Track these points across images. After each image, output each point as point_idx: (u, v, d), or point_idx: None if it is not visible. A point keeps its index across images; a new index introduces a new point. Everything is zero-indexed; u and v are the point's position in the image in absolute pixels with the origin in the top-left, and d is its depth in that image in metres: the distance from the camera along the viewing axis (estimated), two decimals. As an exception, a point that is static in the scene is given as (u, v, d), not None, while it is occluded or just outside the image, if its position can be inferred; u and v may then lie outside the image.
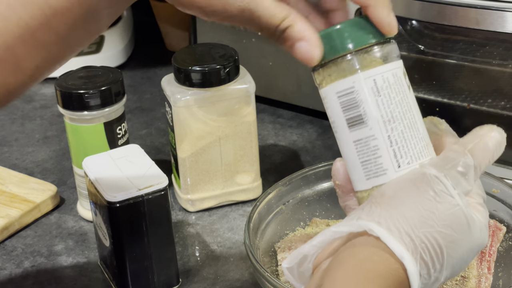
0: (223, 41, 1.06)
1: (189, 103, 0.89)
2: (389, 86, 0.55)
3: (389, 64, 0.56)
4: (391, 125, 0.54)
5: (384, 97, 0.55)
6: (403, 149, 0.55)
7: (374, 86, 0.54)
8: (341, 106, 0.55)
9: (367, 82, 0.54)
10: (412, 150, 0.55)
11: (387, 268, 0.52)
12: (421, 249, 0.53)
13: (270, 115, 1.15)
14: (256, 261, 0.71)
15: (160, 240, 0.78)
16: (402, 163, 0.55)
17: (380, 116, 0.54)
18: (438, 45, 0.93)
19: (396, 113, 0.55)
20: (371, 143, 0.55)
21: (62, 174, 1.03)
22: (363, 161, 0.55)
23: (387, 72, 0.55)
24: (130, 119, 1.15)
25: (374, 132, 0.54)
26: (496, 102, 0.91)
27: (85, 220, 0.93)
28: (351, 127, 0.55)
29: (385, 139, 0.54)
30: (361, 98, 0.54)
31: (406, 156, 0.55)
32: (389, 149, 0.54)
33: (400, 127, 0.55)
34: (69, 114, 0.88)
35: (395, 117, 0.55)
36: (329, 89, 0.56)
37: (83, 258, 0.87)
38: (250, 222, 0.77)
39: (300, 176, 0.83)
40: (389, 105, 0.55)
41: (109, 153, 0.82)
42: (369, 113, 0.54)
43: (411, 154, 0.55)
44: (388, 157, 0.54)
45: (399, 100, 0.55)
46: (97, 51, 1.30)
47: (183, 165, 0.91)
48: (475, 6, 0.80)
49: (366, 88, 0.54)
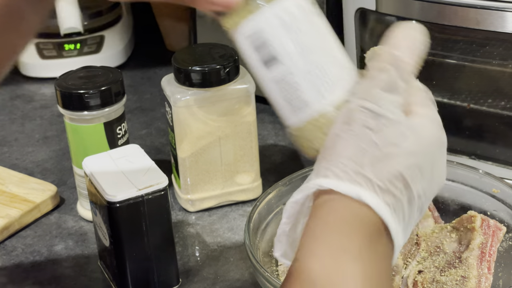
0: (223, 41, 1.06)
1: (189, 103, 0.89)
2: (296, 18, 0.53)
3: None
4: (306, 58, 0.53)
5: (293, 31, 0.53)
6: (324, 78, 0.53)
7: (281, 21, 0.52)
8: (252, 48, 0.54)
9: (273, 19, 0.52)
10: (332, 79, 0.53)
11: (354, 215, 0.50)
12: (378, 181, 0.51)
13: (270, 115, 1.15)
14: (256, 261, 0.71)
15: (160, 240, 0.78)
16: (324, 93, 0.53)
17: (293, 51, 0.53)
18: (438, 45, 0.93)
19: (309, 45, 0.53)
20: (290, 80, 0.53)
21: (62, 174, 1.03)
22: (286, 98, 0.54)
23: (293, 5, 0.53)
24: (130, 119, 1.15)
25: (291, 68, 0.53)
26: (496, 102, 0.91)
27: (85, 220, 0.93)
28: (268, 67, 0.54)
29: (303, 73, 0.53)
30: (269, 37, 0.53)
31: (328, 85, 0.53)
32: (309, 83, 0.53)
33: (315, 57, 0.53)
34: (69, 114, 0.88)
35: (309, 49, 0.53)
36: (238, 31, 0.54)
37: (83, 258, 0.87)
38: (250, 222, 0.77)
39: (300, 176, 0.83)
40: (300, 38, 0.53)
41: (109, 153, 0.82)
42: (281, 51, 0.53)
43: (332, 82, 0.53)
44: (310, 90, 0.53)
45: (310, 31, 0.53)
46: (97, 51, 1.30)
47: (183, 165, 0.91)
48: (475, 6, 0.80)
49: (273, 25, 0.52)
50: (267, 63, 0.54)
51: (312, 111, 0.54)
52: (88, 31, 1.31)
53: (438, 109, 0.95)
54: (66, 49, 1.30)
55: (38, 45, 1.31)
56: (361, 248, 0.50)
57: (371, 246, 0.50)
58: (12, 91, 1.26)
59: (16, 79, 1.30)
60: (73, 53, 1.29)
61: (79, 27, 1.25)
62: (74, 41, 1.30)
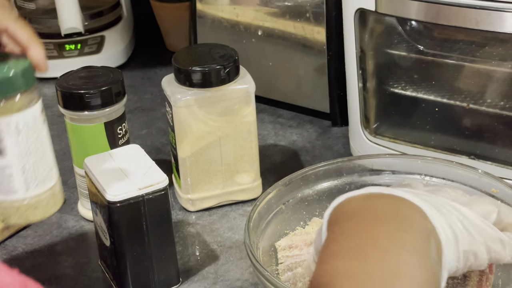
0: (223, 41, 1.06)
1: (189, 103, 0.89)
2: (28, 127, 0.66)
3: (30, 108, 0.66)
4: (25, 158, 0.67)
5: (23, 137, 0.66)
6: (33, 176, 0.68)
7: (15, 127, 0.65)
8: None
9: (9, 124, 0.65)
10: (39, 176, 0.68)
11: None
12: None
13: (270, 115, 1.15)
14: (256, 261, 0.71)
15: (160, 240, 0.79)
16: (31, 186, 0.68)
17: (18, 151, 0.66)
18: (437, 45, 0.93)
19: (31, 148, 0.67)
20: (7, 171, 0.66)
21: (62, 174, 1.02)
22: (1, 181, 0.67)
23: (28, 115, 0.66)
24: (130, 119, 1.15)
25: (10, 162, 0.66)
26: (496, 102, 0.91)
27: (86, 219, 0.93)
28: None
29: (19, 169, 0.67)
30: (3, 136, 0.65)
31: (35, 181, 0.68)
32: (21, 177, 0.67)
33: (33, 159, 0.67)
34: (69, 114, 0.88)
35: (30, 152, 0.67)
36: None
37: (83, 257, 0.87)
38: (250, 222, 0.77)
39: (300, 176, 0.83)
40: (26, 143, 0.67)
41: (110, 153, 0.82)
42: (8, 149, 0.66)
43: (39, 179, 0.68)
44: (19, 182, 0.67)
45: (35, 138, 0.67)
46: (97, 51, 1.30)
47: (183, 165, 0.92)
48: (474, 6, 0.80)
49: (8, 129, 0.65)
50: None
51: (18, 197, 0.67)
52: (88, 31, 1.31)
53: (437, 109, 0.96)
54: (67, 49, 1.30)
55: (39, 45, 1.31)
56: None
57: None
58: (13, 91, 1.27)
59: (16, 79, 1.30)
60: (74, 53, 1.30)
61: (79, 28, 1.25)
62: (75, 41, 1.31)
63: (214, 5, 1.16)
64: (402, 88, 0.97)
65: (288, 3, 1.09)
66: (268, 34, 1.12)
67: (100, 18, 1.33)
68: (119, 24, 1.36)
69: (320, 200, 0.84)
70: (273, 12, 1.11)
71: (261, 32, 1.13)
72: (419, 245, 0.52)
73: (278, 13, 1.10)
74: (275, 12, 1.11)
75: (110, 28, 1.34)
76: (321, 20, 1.07)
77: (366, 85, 0.96)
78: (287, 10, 1.09)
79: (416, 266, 0.51)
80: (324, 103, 1.11)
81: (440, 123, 0.95)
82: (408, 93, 0.96)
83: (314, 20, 1.07)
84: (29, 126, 0.67)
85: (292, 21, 1.09)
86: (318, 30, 1.08)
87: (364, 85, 0.95)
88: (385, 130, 0.98)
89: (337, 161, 0.84)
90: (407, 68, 0.97)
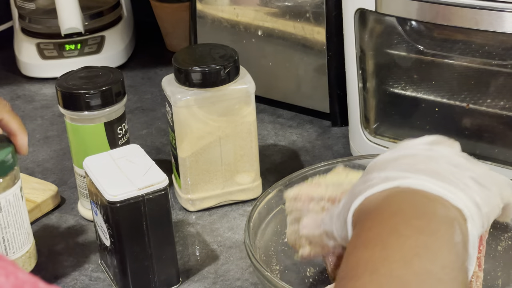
0: (223, 41, 1.06)
1: (190, 103, 0.89)
2: (9, 204, 0.78)
3: (12, 187, 0.77)
4: (6, 230, 0.78)
5: (4, 212, 0.78)
6: (11, 244, 0.79)
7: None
8: None
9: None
10: (17, 244, 0.80)
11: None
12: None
13: (270, 115, 1.15)
14: (256, 261, 0.71)
15: (160, 240, 0.79)
16: (9, 253, 0.79)
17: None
18: (437, 45, 0.94)
19: (11, 221, 0.78)
20: None
21: (62, 174, 1.03)
22: None
23: (10, 194, 0.77)
24: (130, 119, 1.15)
25: None
26: (495, 102, 0.91)
27: (86, 219, 0.93)
28: None
29: (0, 239, 0.78)
30: None
31: (13, 248, 0.79)
32: (2, 245, 0.78)
33: (12, 230, 0.79)
34: (69, 114, 0.88)
35: (9, 224, 0.78)
36: None
37: (83, 257, 0.87)
38: (250, 222, 0.77)
39: (300, 176, 0.83)
40: (6, 217, 0.78)
41: (110, 153, 0.82)
42: None
43: (16, 246, 0.80)
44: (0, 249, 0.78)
45: (14, 212, 0.79)
46: (97, 51, 1.30)
47: (183, 165, 0.92)
48: (474, 6, 0.80)
49: None
50: None
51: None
52: (88, 31, 1.31)
53: (437, 109, 0.96)
54: (67, 49, 1.30)
55: (39, 46, 1.31)
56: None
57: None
58: (13, 91, 1.27)
59: (17, 79, 1.31)
60: (74, 53, 1.30)
61: (79, 28, 1.25)
62: (75, 42, 1.31)
63: (214, 5, 1.16)
64: (402, 88, 0.97)
65: (288, 3, 1.09)
66: (268, 34, 1.12)
67: (100, 18, 1.33)
68: (119, 24, 1.36)
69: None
70: (273, 12, 1.11)
71: (261, 32, 1.13)
72: (442, 231, 0.54)
73: (278, 13, 1.10)
74: (275, 12, 1.11)
75: (110, 28, 1.34)
76: (321, 20, 1.07)
77: (366, 85, 0.96)
78: (287, 10, 1.09)
79: (437, 248, 0.52)
80: (324, 103, 1.11)
81: (440, 123, 0.95)
82: (408, 93, 0.96)
83: (314, 20, 1.07)
84: (10, 203, 0.78)
85: (292, 21, 1.09)
86: (318, 30, 1.08)
87: (364, 85, 0.95)
88: (385, 130, 0.98)
89: (337, 161, 0.84)
90: (407, 68, 0.97)
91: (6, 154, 0.77)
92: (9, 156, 0.77)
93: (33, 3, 1.34)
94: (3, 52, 1.39)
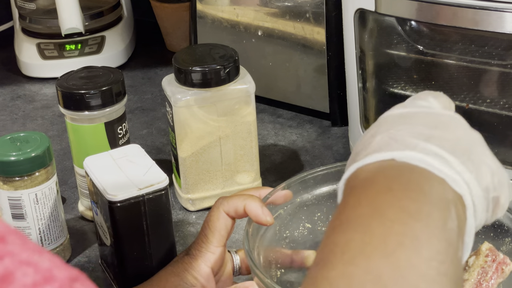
0: (223, 41, 1.06)
1: (190, 103, 0.89)
2: (45, 196, 0.82)
3: (48, 181, 0.82)
4: (41, 221, 0.83)
5: (40, 205, 0.82)
6: (46, 235, 0.84)
7: (35, 198, 0.82)
8: (9, 206, 0.82)
9: (30, 195, 0.82)
10: (52, 236, 0.84)
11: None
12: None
13: (270, 115, 1.15)
14: (256, 267, 0.71)
15: (160, 240, 0.79)
16: (45, 244, 0.84)
17: (35, 216, 0.82)
18: (437, 46, 0.94)
19: (46, 213, 0.83)
20: (26, 231, 0.83)
21: (63, 174, 1.03)
22: None
23: (46, 187, 0.82)
24: (130, 119, 1.15)
25: (29, 225, 0.83)
26: (495, 102, 0.91)
27: (86, 219, 0.94)
28: (14, 219, 0.82)
29: (36, 230, 0.83)
30: (25, 204, 0.82)
31: (48, 240, 0.84)
32: (38, 236, 0.83)
33: (47, 222, 0.83)
34: (70, 114, 0.89)
35: (44, 216, 0.83)
36: (3, 192, 0.81)
37: (83, 257, 0.87)
38: (249, 227, 0.76)
39: (298, 181, 0.82)
40: (42, 209, 0.83)
41: (110, 153, 0.82)
42: (28, 213, 0.82)
43: (52, 238, 0.84)
44: (36, 240, 0.83)
45: (50, 205, 0.83)
46: (98, 51, 1.30)
47: (183, 165, 0.92)
48: (473, 6, 0.81)
49: (29, 199, 0.82)
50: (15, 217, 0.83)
51: None
52: (89, 31, 1.31)
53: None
54: (67, 49, 1.30)
55: (39, 46, 1.31)
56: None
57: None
58: (14, 91, 1.27)
59: (17, 79, 1.31)
60: (74, 54, 1.30)
61: (80, 28, 1.25)
62: (75, 42, 1.31)
63: (214, 5, 1.16)
64: (401, 88, 0.97)
65: (288, 3, 1.09)
66: (268, 34, 1.12)
67: (100, 18, 1.33)
68: (120, 24, 1.36)
69: (319, 205, 0.82)
70: (273, 12, 1.11)
71: (261, 32, 1.13)
72: (434, 215, 0.47)
73: (278, 14, 1.10)
74: (275, 12, 1.11)
75: (111, 28, 1.34)
76: (321, 20, 1.07)
77: (366, 85, 0.96)
78: (287, 10, 1.09)
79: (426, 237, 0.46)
80: (324, 103, 1.11)
81: (440, 123, 0.95)
82: (408, 93, 0.96)
83: (314, 20, 1.08)
84: (46, 196, 0.82)
85: (292, 22, 1.09)
86: (318, 30, 1.08)
87: (364, 85, 0.96)
88: (385, 130, 0.97)
89: (336, 166, 0.83)
90: (407, 68, 0.97)
91: (43, 149, 0.81)
92: (46, 152, 0.81)
93: (33, 3, 1.35)
94: (3, 52, 1.40)
